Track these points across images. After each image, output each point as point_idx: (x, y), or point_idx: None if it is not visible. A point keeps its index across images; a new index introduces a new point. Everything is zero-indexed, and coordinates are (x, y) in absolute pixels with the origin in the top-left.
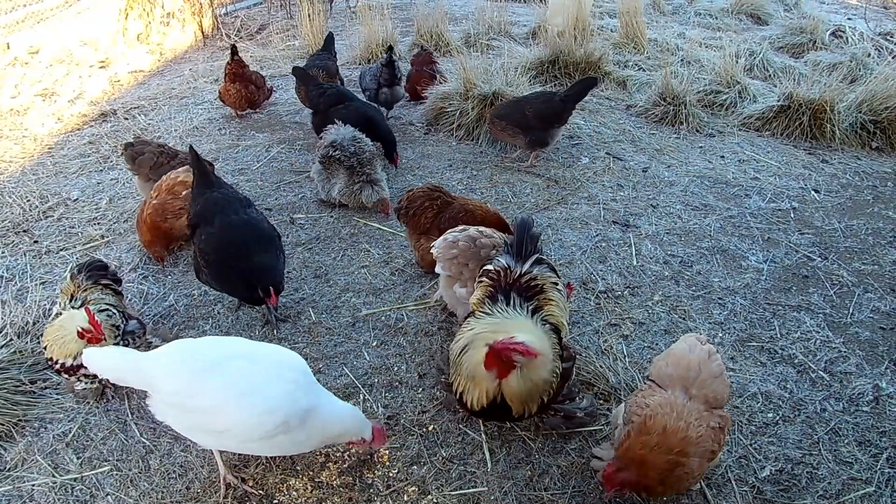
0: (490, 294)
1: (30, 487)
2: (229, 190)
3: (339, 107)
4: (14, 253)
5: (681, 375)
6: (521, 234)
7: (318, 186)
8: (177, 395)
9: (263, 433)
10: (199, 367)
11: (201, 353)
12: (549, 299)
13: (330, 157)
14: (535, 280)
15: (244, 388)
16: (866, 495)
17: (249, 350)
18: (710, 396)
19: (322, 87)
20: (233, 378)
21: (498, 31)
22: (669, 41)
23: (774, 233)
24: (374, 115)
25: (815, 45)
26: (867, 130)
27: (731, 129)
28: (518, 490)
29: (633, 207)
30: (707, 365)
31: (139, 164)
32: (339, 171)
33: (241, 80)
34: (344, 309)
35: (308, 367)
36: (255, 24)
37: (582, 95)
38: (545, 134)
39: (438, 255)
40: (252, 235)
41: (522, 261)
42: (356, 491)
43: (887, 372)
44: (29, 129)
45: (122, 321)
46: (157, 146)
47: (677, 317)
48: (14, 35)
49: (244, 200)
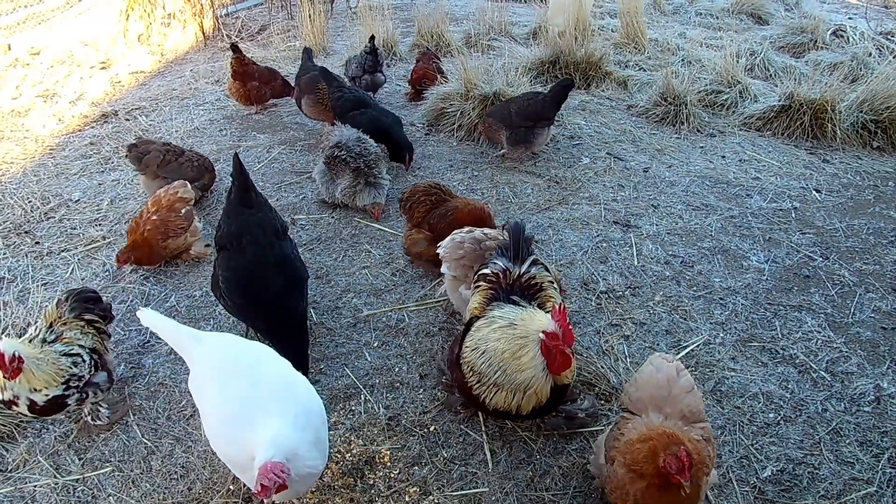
0: (491, 296)
1: (31, 488)
2: (268, 213)
3: (354, 112)
4: (16, 254)
5: (651, 396)
6: (517, 237)
7: (321, 188)
8: (192, 383)
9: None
10: (224, 373)
11: (237, 363)
12: (550, 296)
13: (335, 157)
14: (534, 279)
15: (230, 424)
16: (868, 495)
17: (286, 380)
18: (686, 411)
19: (340, 91)
20: (234, 405)
21: (499, 32)
22: (670, 41)
23: (776, 233)
24: (390, 122)
25: (816, 45)
26: (868, 130)
27: (732, 128)
28: (519, 490)
29: (634, 207)
30: (675, 382)
31: (146, 162)
32: (345, 171)
33: (242, 77)
34: (345, 310)
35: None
36: (255, 24)
37: (560, 95)
38: (528, 133)
39: (445, 256)
40: (286, 280)
41: (520, 262)
42: (357, 492)
43: (889, 372)
44: (30, 131)
45: (90, 371)
46: (161, 144)
47: (678, 317)
48: (15, 36)
49: (282, 228)
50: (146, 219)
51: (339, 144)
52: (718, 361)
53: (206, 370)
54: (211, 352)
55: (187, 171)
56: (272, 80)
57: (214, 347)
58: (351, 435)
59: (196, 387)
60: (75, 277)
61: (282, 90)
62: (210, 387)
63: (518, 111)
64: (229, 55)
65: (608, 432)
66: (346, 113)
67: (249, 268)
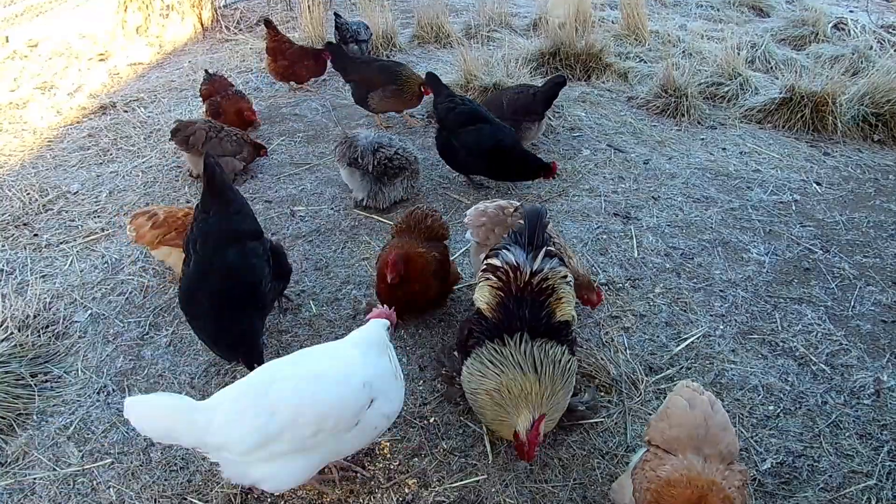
0: (500, 301)
1: (31, 481)
2: (225, 216)
3: (470, 128)
4: (14, 246)
5: (689, 435)
6: (533, 226)
7: (366, 198)
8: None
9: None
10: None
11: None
12: (560, 298)
13: (385, 166)
14: (546, 281)
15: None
16: (867, 488)
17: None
18: (725, 452)
19: (453, 102)
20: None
21: (499, 23)
22: (671, 33)
23: (776, 225)
24: (507, 141)
25: (817, 38)
26: (869, 123)
27: (732, 121)
28: (519, 482)
29: (634, 199)
30: (712, 419)
31: (192, 142)
32: (397, 174)
33: (273, 53)
34: (345, 301)
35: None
36: (254, 15)
37: (550, 93)
38: (516, 126)
39: (469, 223)
40: (228, 292)
41: (534, 254)
42: (357, 483)
43: (888, 365)
44: (28, 123)
45: None
46: (202, 122)
47: (678, 309)
48: (13, 28)
49: (247, 231)
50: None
51: (378, 151)
52: (718, 354)
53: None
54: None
55: (227, 145)
56: (304, 60)
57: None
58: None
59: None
60: (74, 269)
61: (316, 67)
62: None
63: (508, 103)
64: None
65: (634, 465)
66: (459, 128)
67: (189, 280)
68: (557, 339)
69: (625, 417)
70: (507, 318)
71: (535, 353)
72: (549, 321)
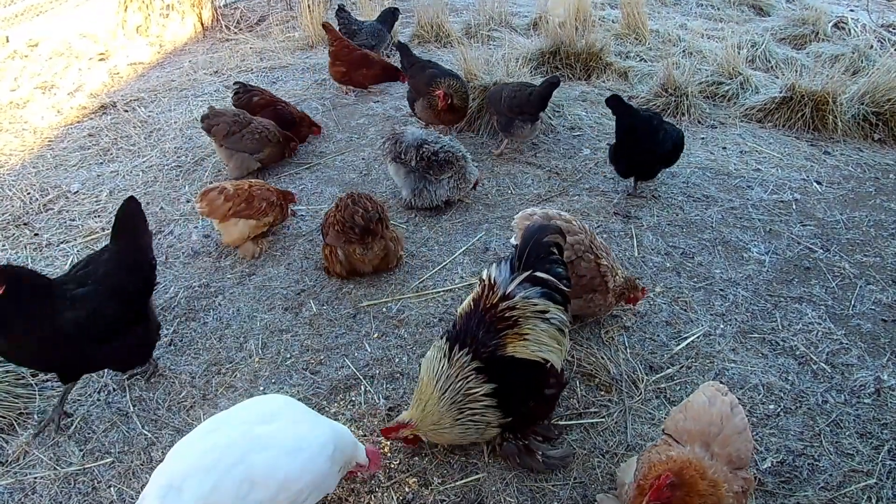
0: (470, 310)
1: (32, 480)
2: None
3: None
4: (14, 246)
5: (701, 430)
6: (525, 245)
7: (413, 198)
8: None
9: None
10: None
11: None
12: (522, 334)
13: (430, 160)
14: (513, 310)
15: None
16: (867, 487)
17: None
18: (734, 456)
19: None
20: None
21: (499, 22)
22: (671, 32)
23: (776, 224)
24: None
25: (818, 37)
26: (869, 122)
27: (732, 120)
28: (519, 481)
29: (634, 199)
30: (730, 420)
31: (214, 133)
32: (445, 168)
33: (332, 56)
34: (345, 300)
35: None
36: (255, 15)
37: (544, 93)
38: (510, 123)
39: (514, 226)
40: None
41: (517, 277)
42: (357, 482)
43: (889, 364)
44: (29, 122)
45: None
46: (232, 114)
47: (679, 308)
48: (13, 28)
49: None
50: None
51: (426, 147)
52: (718, 353)
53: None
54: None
55: (247, 143)
56: (363, 67)
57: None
58: (351, 425)
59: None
60: None
61: (380, 76)
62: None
63: (506, 99)
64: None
65: (644, 453)
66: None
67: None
68: (489, 377)
69: (625, 416)
70: (463, 331)
71: (456, 381)
72: (494, 352)
